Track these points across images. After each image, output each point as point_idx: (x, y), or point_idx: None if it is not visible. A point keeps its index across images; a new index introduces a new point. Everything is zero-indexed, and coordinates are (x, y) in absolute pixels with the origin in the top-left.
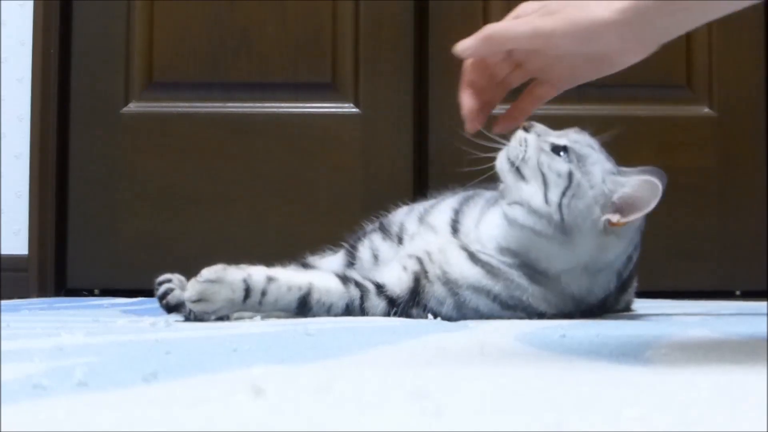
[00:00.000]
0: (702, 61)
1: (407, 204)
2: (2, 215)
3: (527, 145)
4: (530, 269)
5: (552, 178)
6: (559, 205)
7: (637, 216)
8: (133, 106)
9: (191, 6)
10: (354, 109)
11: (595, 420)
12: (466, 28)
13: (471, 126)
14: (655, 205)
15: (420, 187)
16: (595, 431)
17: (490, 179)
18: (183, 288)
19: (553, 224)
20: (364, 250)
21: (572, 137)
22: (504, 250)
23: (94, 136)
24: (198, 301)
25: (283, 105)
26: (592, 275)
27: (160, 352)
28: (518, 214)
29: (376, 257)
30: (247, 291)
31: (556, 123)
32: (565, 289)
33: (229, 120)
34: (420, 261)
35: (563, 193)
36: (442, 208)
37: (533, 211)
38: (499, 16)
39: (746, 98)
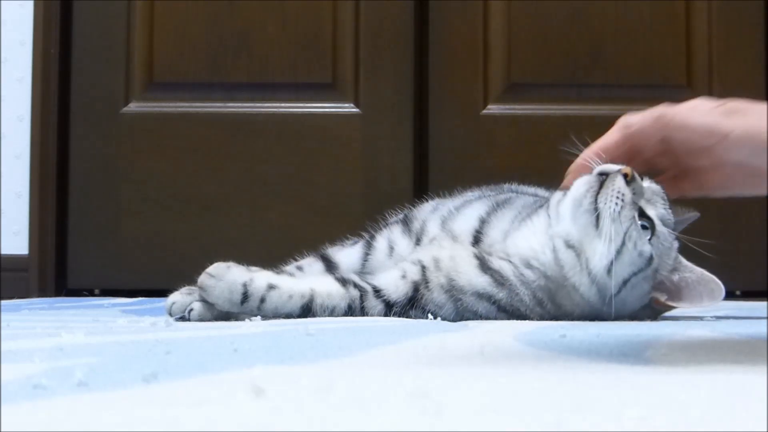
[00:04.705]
0: (702, 61)
1: (432, 199)
2: (2, 215)
3: (623, 205)
4: (546, 295)
5: (632, 255)
6: (624, 282)
7: (683, 306)
8: (133, 106)
9: (191, 6)
10: (354, 109)
11: (595, 420)
12: (466, 28)
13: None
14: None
15: (420, 188)
16: (595, 431)
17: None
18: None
19: (601, 294)
20: (381, 240)
21: (661, 212)
22: (533, 268)
23: (94, 136)
24: (200, 288)
25: (283, 105)
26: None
27: (160, 352)
28: (568, 261)
29: (392, 249)
30: (245, 295)
31: (557, 122)
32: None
33: (230, 120)
34: (423, 270)
35: (635, 273)
36: (468, 214)
37: (588, 272)
38: (499, 17)
39: (746, 98)
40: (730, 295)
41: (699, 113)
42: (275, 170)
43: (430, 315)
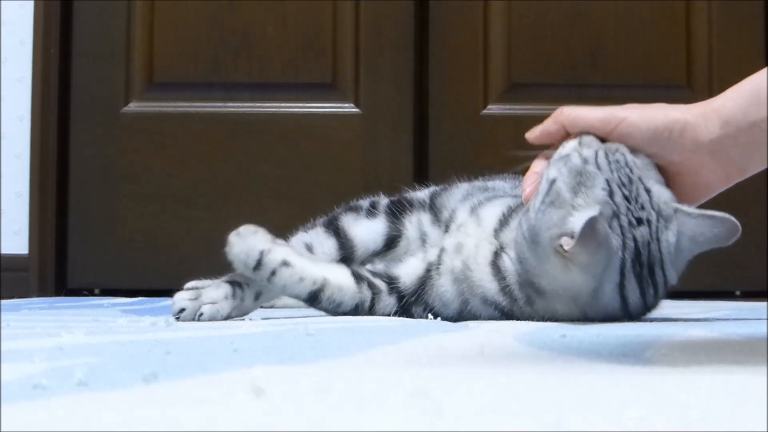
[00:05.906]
0: (702, 61)
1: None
2: (2, 215)
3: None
4: (529, 283)
5: (543, 184)
6: (537, 211)
7: (575, 242)
8: (133, 106)
9: (191, 6)
10: (354, 109)
11: (595, 420)
12: (466, 28)
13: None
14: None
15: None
16: (595, 431)
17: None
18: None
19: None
20: (411, 229)
21: (585, 153)
22: (520, 261)
23: (94, 136)
24: (228, 244)
25: (283, 105)
26: (579, 305)
27: (160, 352)
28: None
29: (423, 241)
30: (258, 263)
31: None
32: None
33: (229, 120)
34: (441, 252)
35: (542, 201)
36: (497, 204)
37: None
38: (500, 16)
39: None
40: (730, 295)
41: (595, 107)
42: (275, 170)
43: (430, 315)
